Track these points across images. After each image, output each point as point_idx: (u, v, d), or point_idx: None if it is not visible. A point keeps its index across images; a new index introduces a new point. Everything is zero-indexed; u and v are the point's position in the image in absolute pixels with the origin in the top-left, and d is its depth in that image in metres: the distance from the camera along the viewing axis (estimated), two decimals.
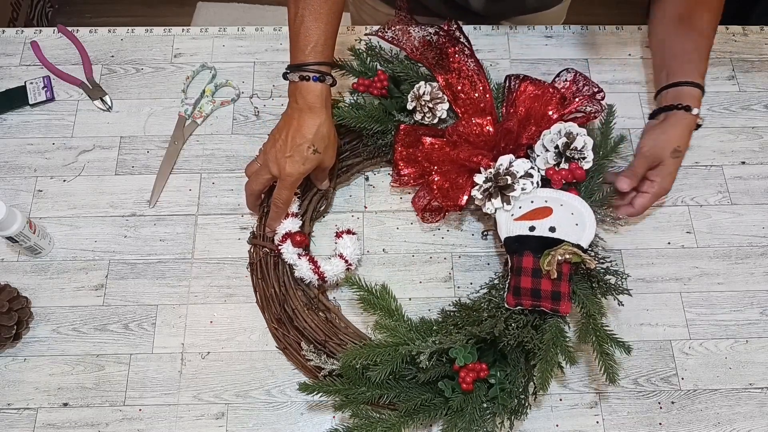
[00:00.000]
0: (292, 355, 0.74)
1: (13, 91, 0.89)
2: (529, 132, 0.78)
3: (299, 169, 0.73)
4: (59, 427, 0.71)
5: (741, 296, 0.80)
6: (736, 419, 0.73)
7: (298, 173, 0.73)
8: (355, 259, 0.77)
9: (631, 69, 0.95)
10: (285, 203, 0.76)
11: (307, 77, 0.73)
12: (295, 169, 0.73)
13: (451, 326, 0.70)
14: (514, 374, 0.69)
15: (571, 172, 0.75)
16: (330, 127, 0.75)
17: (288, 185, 0.74)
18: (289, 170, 0.73)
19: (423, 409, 0.68)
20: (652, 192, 0.79)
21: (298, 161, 0.73)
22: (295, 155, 0.73)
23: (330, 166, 0.78)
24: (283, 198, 0.75)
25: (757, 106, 0.93)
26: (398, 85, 0.84)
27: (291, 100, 0.75)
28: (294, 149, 0.73)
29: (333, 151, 0.77)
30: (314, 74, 0.73)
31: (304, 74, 0.73)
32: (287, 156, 0.73)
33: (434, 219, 0.80)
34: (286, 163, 0.73)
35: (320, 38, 0.74)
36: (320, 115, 0.73)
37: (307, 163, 0.73)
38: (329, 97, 0.75)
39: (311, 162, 0.74)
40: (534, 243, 0.71)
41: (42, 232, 0.78)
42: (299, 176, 0.74)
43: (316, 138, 0.73)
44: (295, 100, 0.74)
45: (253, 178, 0.77)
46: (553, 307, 0.69)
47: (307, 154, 0.73)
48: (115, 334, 0.76)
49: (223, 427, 0.72)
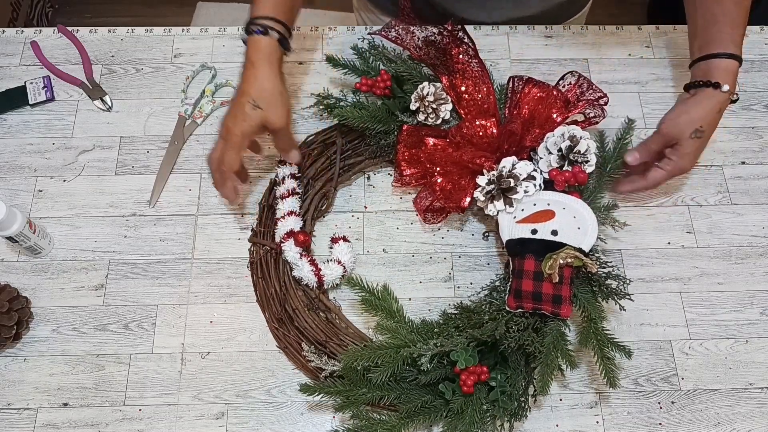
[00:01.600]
0: (293, 355, 0.74)
1: (13, 91, 0.89)
2: (533, 134, 0.78)
3: (241, 127, 0.70)
4: (59, 427, 0.71)
5: (741, 296, 0.80)
6: (736, 419, 0.74)
7: (240, 131, 0.70)
8: (351, 266, 0.77)
9: (631, 69, 0.95)
10: (228, 165, 0.72)
11: (251, 30, 0.71)
12: (237, 126, 0.70)
13: (452, 329, 0.70)
14: (514, 377, 0.69)
15: (573, 175, 0.75)
16: (275, 83, 0.72)
17: (232, 145, 0.71)
18: (229, 126, 0.70)
19: (423, 411, 0.68)
20: (666, 169, 0.77)
21: (239, 118, 0.70)
22: (236, 112, 0.70)
23: (279, 126, 0.73)
24: (225, 159, 0.71)
25: (757, 106, 0.93)
26: (401, 85, 0.84)
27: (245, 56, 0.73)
28: (236, 106, 0.71)
29: (281, 110, 0.72)
30: (258, 27, 0.71)
31: (251, 27, 0.71)
32: (230, 114, 0.71)
33: (436, 220, 0.80)
34: (228, 120, 0.71)
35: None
36: (261, 69, 0.71)
37: (248, 120, 0.70)
38: (274, 53, 0.72)
39: (253, 119, 0.70)
40: (536, 246, 0.71)
41: (42, 232, 0.78)
42: (242, 135, 0.71)
43: (256, 92, 0.70)
44: (245, 55, 0.72)
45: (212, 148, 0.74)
46: (554, 310, 0.69)
47: (247, 110, 0.70)
48: (115, 334, 0.76)
49: (223, 427, 0.72)
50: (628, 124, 0.81)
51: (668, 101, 0.92)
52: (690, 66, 0.80)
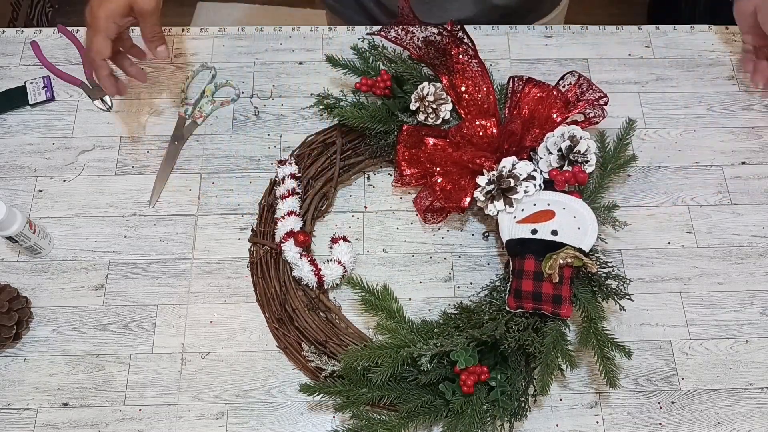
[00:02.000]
0: (293, 355, 0.74)
1: (13, 91, 0.89)
2: (533, 134, 0.78)
3: (105, 9, 0.67)
4: (59, 427, 0.71)
5: (741, 296, 0.80)
6: (736, 419, 0.74)
7: (104, 13, 0.67)
8: (351, 267, 0.77)
9: (631, 69, 0.95)
10: (97, 52, 0.69)
11: None
12: (101, 8, 0.67)
13: (452, 329, 0.70)
14: (514, 377, 0.69)
15: (573, 175, 0.75)
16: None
17: (97, 28, 0.68)
18: (93, 10, 0.67)
19: (423, 411, 0.68)
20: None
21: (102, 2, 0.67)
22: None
23: (147, 9, 0.70)
24: (93, 47, 0.69)
25: (757, 106, 0.93)
26: (401, 85, 0.84)
27: None
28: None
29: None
30: None
31: None
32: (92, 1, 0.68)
33: (436, 220, 0.80)
34: (93, 3, 0.68)
35: None
36: None
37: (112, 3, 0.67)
38: None
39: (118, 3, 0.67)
40: (536, 246, 0.71)
41: (42, 232, 0.78)
42: (106, 17, 0.68)
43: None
44: None
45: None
46: (554, 310, 0.69)
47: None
48: (115, 334, 0.76)
49: (223, 427, 0.72)
50: (629, 125, 0.81)
51: (668, 101, 0.92)
52: None
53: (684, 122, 0.91)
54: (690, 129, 0.90)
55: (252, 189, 0.84)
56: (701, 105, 0.92)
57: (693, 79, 0.94)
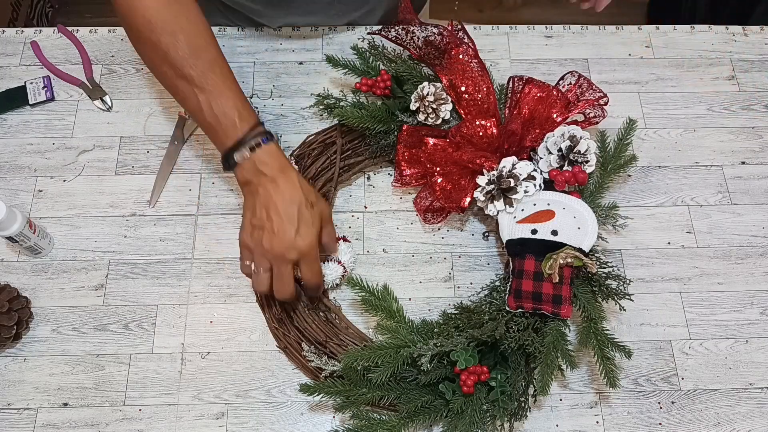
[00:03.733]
0: (293, 355, 0.74)
1: (13, 91, 0.89)
2: (533, 134, 0.78)
3: (314, 234, 0.66)
4: (59, 427, 0.71)
5: (741, 296, 0.80)
6: (736, 419, 0.74)
7: (316, 238, 0.66)
8: (351, 267, 0.77)
9: (631, 69, 0.95)
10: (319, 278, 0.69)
11: (258, 143, 0.66)
12: (311, 236, 0.65)
13: (453, 329, 0.70)
14: (514, 377, 0.69)
15: (573, 175, 0.75)
16: (301, 177, 0.69)
17: (314, 258, 0.67)
18: (307, 242, 0.65)
19: (423, 411, 0.68)
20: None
21: (309, 228, 0.65)
22: (301, 224, 0.65)
23: (329, 213, 0.70)
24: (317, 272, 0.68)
25: (757, 106, 0.93)
26: (401, 85, 0.84)
27: (254, 178, 0.67)
28: (296, 220, 0.64)
29: (323, 201, 0.71)
30: (262, 137, 0.66)
31: (252, 143, 0.66)
32: (296, 232, 0.64)
33: (436, 220, 0.80)
34: (299, 239, 0.64)
35: (239, 106, 0.67)
36: (293, 170, 0.67)
37: (315, 224, 0.66)
38: (280, 152, 0.69)
39: (317, 219, 0.67)
40: (536, 246, 0.71)
41: (42, 232, 0.78)
42: (317, 241, 0.67)
43: (306, 193, 0.67)
44: (260, 174, 0.66)
45: (257, 281, 0.68)
46: (554, 310, 0.69)
47: (309, 214, 0.65)
48: (115, 334, 0.76)
49: (223, 427, 0.72)
50: (629, 125, 0.81)
51: (668, 101, 0.92)
52: None
53: (684, 122, 0.91)
54: (690, 129, 0.90)
55: None
56: (701, 105, 0.92)
57: (693, 79, 0.94)
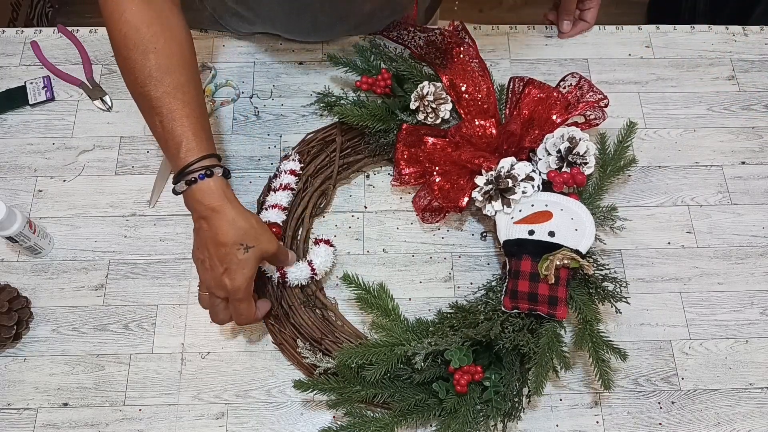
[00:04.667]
0: (288, 352, 0.74)
1: (13, 91, 0.89)
2: (532, 135, 0.78)
3: (244, 277, 0.65)
4: (59, 427, 0.71)
5: (741, 296, 0.80)
6: (736, 419, 0.74)
7: (246, 281, 0.65)
8: (323, 270, 0.75)
9: (631, 69, 0.95)
10: (248, 317, 0.68)
11: (194, 179, 0.65)
12: (239, 279, 0.65)
13: (447, 328, 0.70)
14: (508, 377, 0.69)
15: (572, 176, 0.75)
16: (246, 215, 0.66)
17: (242, 297, 0.66)
18: (235, 285, 0.65)
19: (417, 410, 0.68)
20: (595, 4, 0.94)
21: (237, 270, 0.64)
22: (230, 266, 0.64)
23: (274, 250, 0.68)
24: (244, 313, 0.67)
25: (757, 106, 0.93)
26: (402, 84, 0.84)
27: (193, 211, 0.66)
28: (226, 262, 0.64)
29: (267, 234, 0.68)
30: (199, 173, 0.65)
31: (190, 177, 0.65)
32: (223, 272, 0.64)
33: (434, 219, 0.80)
34: (227, 280, 0.65)
35: (188, 136, 0.65)
36: (227, 210, 0.65)
37: (247, 267, 0.65)
38: (228, 187, 0.67)
39: (251, 262, 0.65)
40: (533, 247, 0.71)
41: (42, 232, 0.78)
42: (248, 283, 0.66)
43: (240, 236, 0.64)
44: (195, 209, 0.66)
45: (213, 311, 0.68)
46: (550, 311, 0.69)
47: (241, 258, 0.64)
48: (115, 334, 0.76)
49: (223, 427, 0.72)
50: (629, 127, 0.81)
51: (668, 101, 0.92)
52: None
53: (684, 122, 0.91)
54: (690, 129, 0.90)
55: (252, 189, 0.84)
56: (701, 105, 0.92)
57: (693, 79, 0.94)
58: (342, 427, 0.67)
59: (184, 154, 0.65)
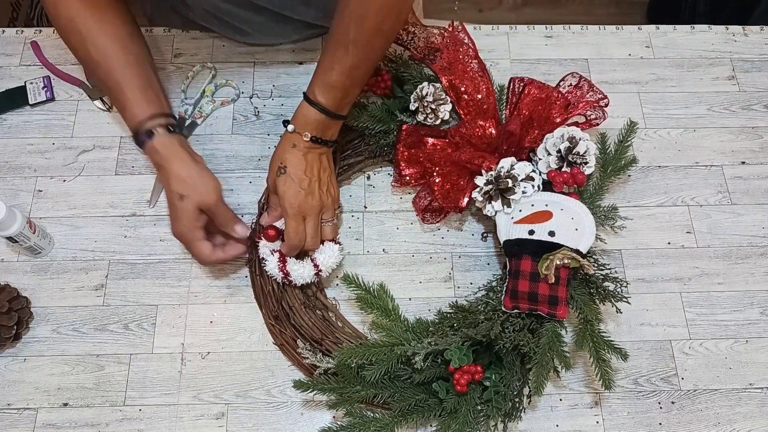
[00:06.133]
0: (289, 352, 0.74)
1: (13, 91, 0.89)
2: (532, 135, 0.78)
3: (183, 224, 0.71)
4: (59, 427, 0.71)
5: (741, 296, 0.80)
6: (736, 419, 0.74)
7: (185, 227, 0.71)
8: (329, 268, 0.75)
9: (631, 69, 0.95)
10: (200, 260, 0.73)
11: (141, 141, 0.74)
12: (176, 227, 0.72)
13: (447, 328, 0.70)
14: (508, 377, 0.69)
15: (572, 176, 0.75)
16: (188, 168, 0.73)
17: (187, 242, 0.73)
18: (174, 232, 0.73)
19: (417, 410, 0.68)
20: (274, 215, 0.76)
21: (174, 219, 0.72)
22: (171, 215, 0.73)
23: (211, 202, 0.72)
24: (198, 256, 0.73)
25: (757, 106, 0.93)
26: (401, 85, 0.84)
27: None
28: (170, 211, 0.73)
29: (205, 188, 0.72)
30: (143, 135, 0.73)
31: (139, 139, 0.74)
32: (171, 221, 0.73)
33: (435, 220, 0.80)
34: (173, 227, 0.73)
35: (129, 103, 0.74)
36: (170, 166, 0.72)
37: (184, 213, 0.71)
38: (171, 144, 0.73)
39: (187, 209, 0.71)
40: (533, 247, 0.71)
41: (42, 232, 0.78)
42: (189, 229, 0.72)
43: (177, 186, 0.71)
44: (153, 163, 0.75)
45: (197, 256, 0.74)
46: (550, 311, 0.69)
47: (177, 204, 0.71)
48: (115, 334, 0.76)
49: (223, 427, 0.72)
50: (630, 127, 0.81)
51: (668, 101, 0.92)
52: None
53: (684, 122, 0.91)
54: (690, 129, 0.90)
55: (252, 189, 0.84)
56: (701, 105, 0.92)
57: (693, 79, 0.94)
58: (342, 427, 0.67)
59: (131, 116, 0.74)
